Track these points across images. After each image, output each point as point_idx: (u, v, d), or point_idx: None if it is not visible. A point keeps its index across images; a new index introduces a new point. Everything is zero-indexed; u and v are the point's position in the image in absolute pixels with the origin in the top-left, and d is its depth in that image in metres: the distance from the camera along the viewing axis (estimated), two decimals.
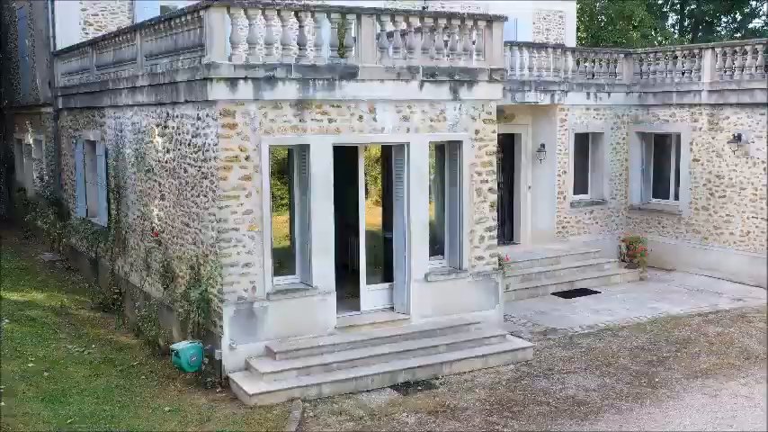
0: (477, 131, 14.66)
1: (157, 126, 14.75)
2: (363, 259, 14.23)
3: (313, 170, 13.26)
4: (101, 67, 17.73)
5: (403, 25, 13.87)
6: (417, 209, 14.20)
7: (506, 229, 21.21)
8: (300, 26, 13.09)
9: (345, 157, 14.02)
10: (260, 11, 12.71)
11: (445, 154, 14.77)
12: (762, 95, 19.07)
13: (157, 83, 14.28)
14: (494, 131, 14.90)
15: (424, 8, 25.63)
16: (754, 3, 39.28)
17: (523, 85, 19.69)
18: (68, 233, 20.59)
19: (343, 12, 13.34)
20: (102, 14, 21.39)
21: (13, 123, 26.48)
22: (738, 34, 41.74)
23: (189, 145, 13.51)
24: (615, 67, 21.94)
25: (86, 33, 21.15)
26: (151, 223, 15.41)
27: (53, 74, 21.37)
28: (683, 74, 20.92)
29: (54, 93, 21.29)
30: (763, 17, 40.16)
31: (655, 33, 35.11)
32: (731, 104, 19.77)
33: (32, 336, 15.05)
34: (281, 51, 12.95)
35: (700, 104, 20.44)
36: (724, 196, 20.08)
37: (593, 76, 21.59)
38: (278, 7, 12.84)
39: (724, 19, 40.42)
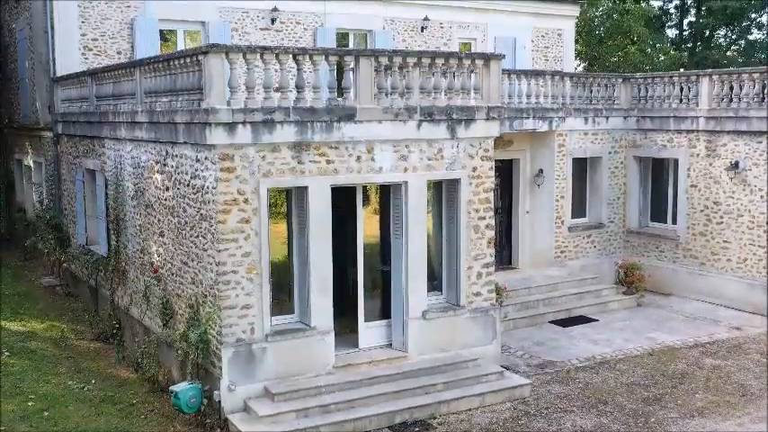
0: (474, 169, 14.74)
1: (157, 163, 14.83)
2: (362, 298, 14.30)
3: (311, 211, 13.33)
4: (100, 98, 17.82)
5: (401, 65, 13.90)
6: (415, 247, 14.27)
7: (505, 253, 21.29)
8: (299, 69, 13.17)
9: (344, 193, 14.05)
10: (258, 54, 12.78)
11: (443, 191, 14.85)
12: (759, 124, 19.14)
13: (156, 121, 14.36)
14: (491, 168, 14.97)
15: (423, 27, 25.92)
16: (753, 15, 39.27)
17: (521, 112, 19.76)
18: (69, 259, 20.66)
19: (341, 54, 13.42)
20: (102, 39, 21.48)
21: (13, 143, 26.57)
22: (737, 45, 41.86)
23: (188, 185, 13.59)
24: (613, 92, 22.02)
25: (86, 58, 21.26)
26: (150, 258, 15.49)
27: (53, 99, 21.46)
28: (680, 100, 20.99)
29: (54, 118, 21.37)
30: (764, 30, 40.21)
31: (653, 48, 35.12)
32: (728, 132, 19.85)
33: (32, 370, 15.15)
34: (280, 94, 13.02)
35: (697, 131, 20.52)
36: (721, 223, 20.16)
37: (591, 100, 21.64)
38: (276, 51, 12.92)
39: (723, 32, 40.46)
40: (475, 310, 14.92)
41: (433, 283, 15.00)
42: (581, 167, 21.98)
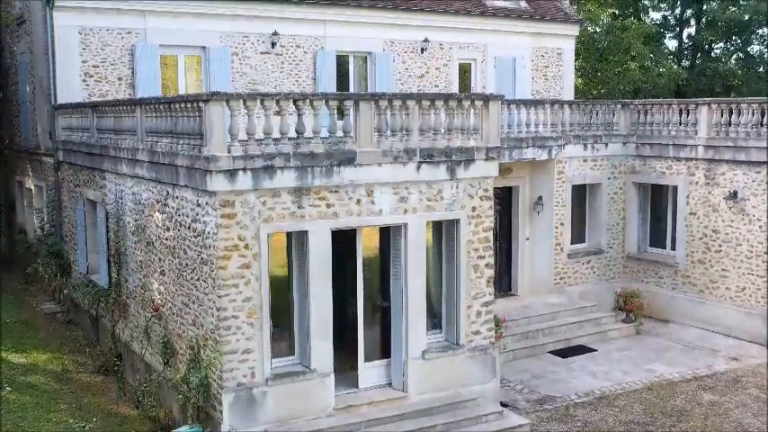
0: (474, 209, 14.81)
1: (157, 202, 14.90)
2: (362, 338, 14.36)
3: (311, 255, 13.41)
4: (101, 131, 17.88)
5: (401, 108, 13.96)
6: (415, 288, 14.34)
7: (504, 280, 21.38)
8: (299, 114, 13.22)
9: (345, 233, 14.09)
10: (259, 101, 12.85)
11: (443, 231, 14.92)
12: (758, 154, 19.21)
13: (157, 161, 14.43)
14: (490, 207, 15.05)
15: (423, 48, 25.99)
16: (755, 29, 39.32)
17: (521, 141, 19.83)
18: (70, 286, 20.72)
19: (341, 98, 13.49)
20: (103, 66, 21.55)
21: (13, 165, 26.64)
22: (736, 57, 41.87)
23: (188, 228, 13.66)
24: (612, 118, 22.08)
25: (87, 85, 21.35)
26: (151, 295, 15.56)
27: (54, 125, 21.51)
28: (679, 127, 21.04)
29: (55, 145, 21.43)
30: (766, 43, 40.25)
31: (653, 64, 35.17)
32: (727, 161, 19.93)
33: (33, 407, 15.22)
34: (280, 140, 13.07)
35: (696, 159, 20.59)
36: (720, 251, 20.23)
37: (591, 127, 21.70)
38: (277, 97, 12.99)
39: (723, 44, 40.47)
40: (474, 349, 14.99)
41: (433, 320, 15.07)
42: (580, 194, 22.06)
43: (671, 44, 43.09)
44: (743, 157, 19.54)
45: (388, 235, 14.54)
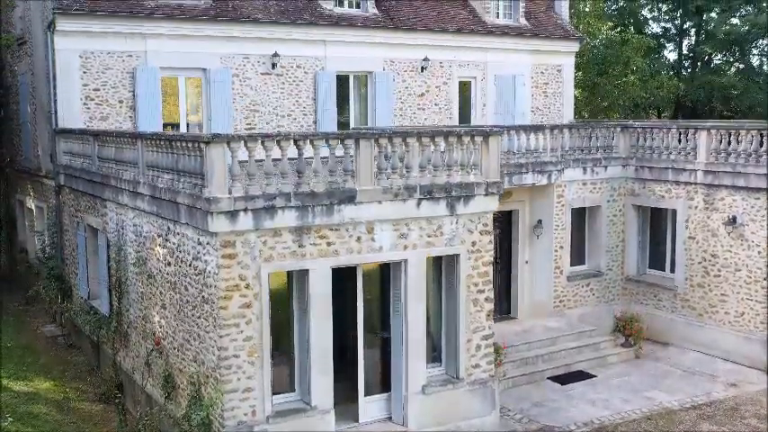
0: (473, 243, 14.88)
1: (159, 236, 14.97)
2: (362, 373, 14.45)
3: (312, 292, 13.49)
4: (102, 160, 17.93)
5: (401, 146, 14.03)
6: (415, 323, 14.43)
7: (504, 303, 21.43)
8: (299, 153, 13.28)
9: (345, 269, 14.16)
10: (259, 142, 12.92)
11: (442, 265, 15.01)
12: (757, 180, 19.26)
13: (159, 197, 14.49)
14: (490, 242, 15.12)
15: (423, 67, 26.05)
16: (754, 41, 39.40)
17: (521, 167, 19.89)
18: (71, 309, 20.77)
19: (342, 137, 13.56)
20: (104, 89, 21.60)
21: (15, 183, 26.69)
22: (735, 68, 41.92)
23: (189, 265, 13.73)
24: (612, 141, 22.13)
25: (87, 108, 21.40)
26: (152, 327, 15.63)
27: (55, 148, 21.54)
28: (678, 151, 21.09)
29: (56, 168, 21.47)
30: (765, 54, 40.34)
31: (651, 77, 35.23)
32: (726, 186, 19.97)
33: None
34: (281, 180, 13.14)
35: (695, 183, 20.64)
36: (719, 275, 20.30)
37: (590, 150, 21.76)
38: (277, 138, 13.05)
39: (723, 55, 40.51)
40: (474, 383, 15.07)
41: (433, 354, 15.16)
42: (580, 216, 22.13)
43: (671, 56, 43.24)
44: (742, 182, 19.60)
45: (388, 269, 14.60)
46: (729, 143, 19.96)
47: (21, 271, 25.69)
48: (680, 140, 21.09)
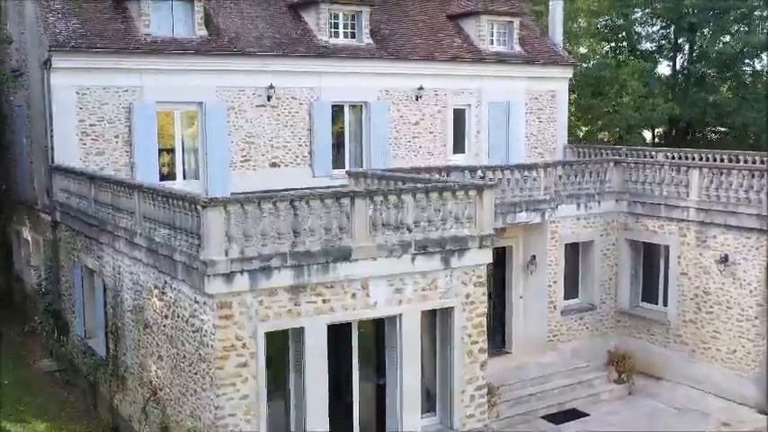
0: (467, 296, 15.04)
1: (155, 288, 15.08)
2: (357, 427, 14.56)
3: (308, 350, 13.63)
4: (99, 204, 18.00)
5: (396, 203, 14.16)
6: (410, 374, 14.57)
7: (498, 338, 21.57)
8: (295, 214, 13.40)
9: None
10: (256, 204, 13.03)
11: (437, 318, 15.14)
12: (749, 220, 19.43)
13: (155, 250, 14.60)
14: (484, 293, 15.28)
15: (417, 96, 26.19)
16: (747, 60, 39.58)
17: (515, 206, 20.01)
18: (68, 344, 20.86)
19: (338, 196, 13.68)
20: (100, 124, 21.75)
21: (11, 212, 26.73)
22: (729, 86, 42.05)
23: (186, 322, 13.85)
24: (605, 176, 22.29)
25: (84, 144, 21.56)
26: (149, 376, 15.74)
27: (51, 184, 21.59)
28: (671, 187, 21.23)
29: (52, 204, 21.53)
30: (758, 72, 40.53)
31: (646, 98, 35.39)
32: (718, 224, 20.13)
33: None
34: (277, 239, 13.26)
35: (687, 220, 20.80)
36: (711, 312, 20.47)
37: (583, 185, 21.91)
38: (273, 199, 13.17)
39: (717, 72, 40.61)
40: None
41: (428, 404, 15.30)
42: (573, 250, 22.29)
43: (665, 70, 43.38)
44: (734, 221, 19.77)
45: (383, 323, 14.73)
46: (721, 182, 20.11)
47: (17, 300, 25.75)
48: (672, 177, 21.23)
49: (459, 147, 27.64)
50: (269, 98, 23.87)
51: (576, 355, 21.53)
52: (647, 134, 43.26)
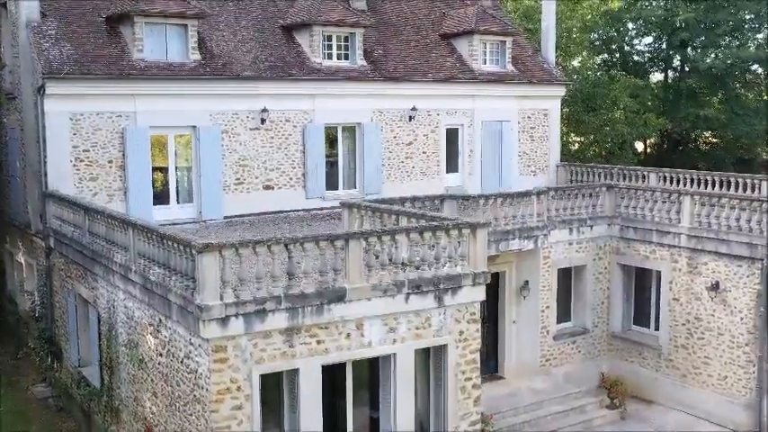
0: (461, 333, 15.14)
1: (150, 325, 15.13)
2: None
3: (302, 391, 13.70)
4: (93, 235, 18.01)
5: (390, 244, 14.24)
6: (404, 411, 14.66)
7: (491, 362, 21.70)
8: (290, 257, 13.46)
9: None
10: (251, 248, 13.09)
11: (431, 355, 15.22)
12: (739, 248, 19.58)
13: (150, 289, 14.65)
14: (477, 330, 15.38)
15: (410, 116, 26.27)
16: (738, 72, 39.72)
17: (507, 234, 20.12)
18: (62, 369, 20.87)
19: (332, 239, 13.75)
20: (94, 150, 21.72)
21: (4, 234, 26.68)
22: (719, 99, 42.18)
23: (181, 362, 13.91)
24: (597, 200, 22.41)
25: (77, 169, 21.51)
26: (143, 411, 15.79)
27: (44, 210, 21.56)
28: (663, 213, 21.37)
29: (46, 231, 21.51)
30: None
31: (638, 114, 35.52)
32: (709, 252, 20.28)
33: None
34: (271, 282, 13.32)
35: (679, 247, 20.94)
36: (703, 338, 20.63)
37: (575, 209, 22.03)
38: (268, 243, 13.23)
39: (706, 89, 40.70)
40: None
41: None
42: (566, 275, 22.42)
43: (657, 77, 43.45)
44: (725, 249, 19.92)
45: (377, 362, 14.81)
46: (712, 210, 20.24)
47: (11, 322, 25.72)
48: (664, 204, 21.37)
49: (452, 166, 27.72)
50: (263, 121, 23.90)
51: (568, 380, 21.67)
52: (640, 145, 43.40)
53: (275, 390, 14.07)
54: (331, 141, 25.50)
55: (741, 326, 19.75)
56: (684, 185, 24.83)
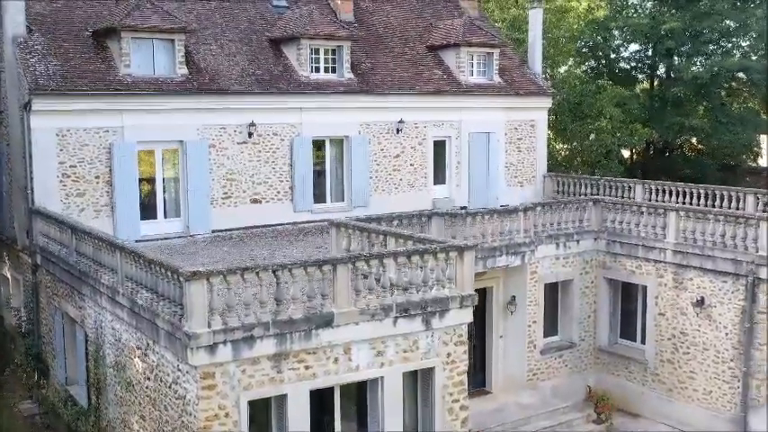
0: (448, 355, 15.20)
1: (138, 348, 15.12)
2: None
3: (290, 416, 13.72)
4: (80, 254, 17.97)
5: (377, 268, 14.30)
6: None
7: (478, 377, 21.78)
8: (278, 283, 13.49)
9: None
10: (239, 275, 13.12)
11: (418, 378, 15.28)
12: (724, 264, 19.74)
13: (138, 313, 14.64)
14: (465, 352, 15.45)
15: (398, 129, 26.32)
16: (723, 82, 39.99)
17: (494, 251, 20.18)
18: (49, 386, 20.81)
19: (320, 263, 13.78)
20: (81, 165, 21.66)
21: None
22: (704, 108, 42.44)
23: (169, 387, 13.91)
24: (584, 214, 22.52)
25: (64, 185, 21.45)
26: None
27: (31, 226, 21.47)
28: (648, 228, 21.49)
29: (33, 247, 21.40)
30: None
31: (624, 124, 35.71)
32: (695, 267, 20.43)
33: None
34: (259, 309, 13.35)
35: (665, 262, 21.08)
36: (688, 353, 20.78)
37: (562, 224, 22.14)
38: (256, 269, 13.26)
39: (691, 97, 40.93)
40: None
41: None
42: (553, 289, 22.53)
43: (642, 84, 43.68)
44: (710, 265, 20.08)
45: (365, 385, 14.85)
46: (698, 225, 20.39)
47: None
48: (649, 219, 21.50)
49: (439, 178, 27.83)
50: (250, 135, 23.90)
51: (555, 394, 21.79)
52: (626, 152, 43.63)
53: (264, 414, 14.09)
54: (319, 154, 25.53)
55: (726, 341, 19.91)
56: (670, 197, 25.03)
